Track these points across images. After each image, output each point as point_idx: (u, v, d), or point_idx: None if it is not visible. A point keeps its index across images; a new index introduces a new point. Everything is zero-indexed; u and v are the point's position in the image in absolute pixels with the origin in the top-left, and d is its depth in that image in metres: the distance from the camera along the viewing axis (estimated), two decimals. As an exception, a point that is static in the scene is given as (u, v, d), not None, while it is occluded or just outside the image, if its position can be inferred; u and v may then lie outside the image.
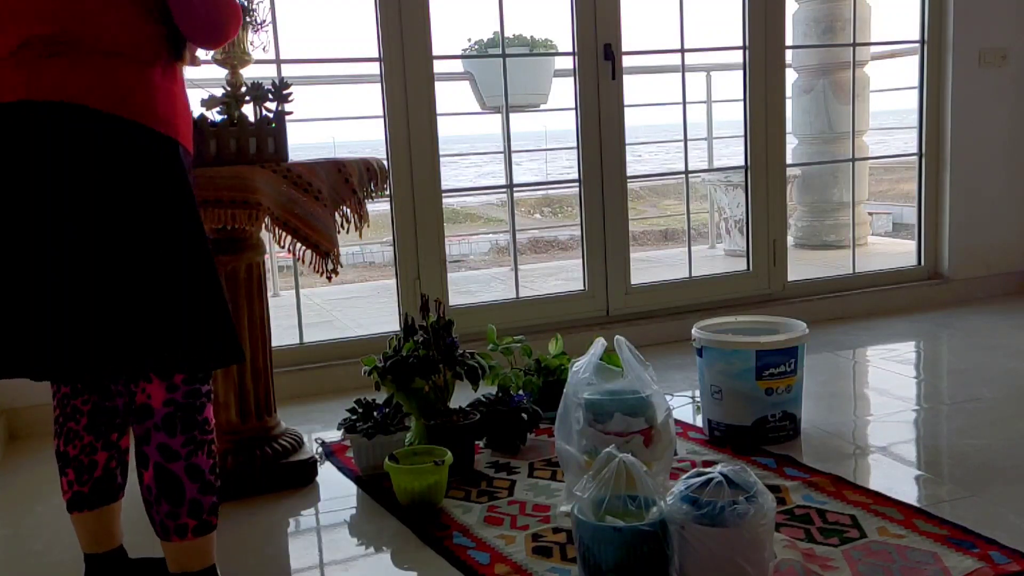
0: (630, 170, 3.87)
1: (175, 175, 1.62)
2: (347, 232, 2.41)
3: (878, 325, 3.96)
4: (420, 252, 3.50)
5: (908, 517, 2.06)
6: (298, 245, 2.27)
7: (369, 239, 7.31)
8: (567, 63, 3.74)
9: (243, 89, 2.35)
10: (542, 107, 6.23)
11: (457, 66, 5.55)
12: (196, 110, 2.26)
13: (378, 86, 3.42)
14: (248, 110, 2.35)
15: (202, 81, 2.42)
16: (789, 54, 4.11)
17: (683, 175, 4.23)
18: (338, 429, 2.57)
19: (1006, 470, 2.34)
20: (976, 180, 4.28)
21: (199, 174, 2.03)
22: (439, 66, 3.50)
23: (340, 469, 2.59)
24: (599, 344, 2.25)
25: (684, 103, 4.06)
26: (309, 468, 2.51)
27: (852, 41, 4.80)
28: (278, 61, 3.26)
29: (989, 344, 3.56)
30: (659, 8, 3.95)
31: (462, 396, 2.70)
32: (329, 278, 2.33)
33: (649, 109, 6.27)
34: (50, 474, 2.68)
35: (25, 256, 1.54)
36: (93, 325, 1.54)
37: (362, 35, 3.56)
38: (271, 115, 2.35)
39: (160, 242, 1.58)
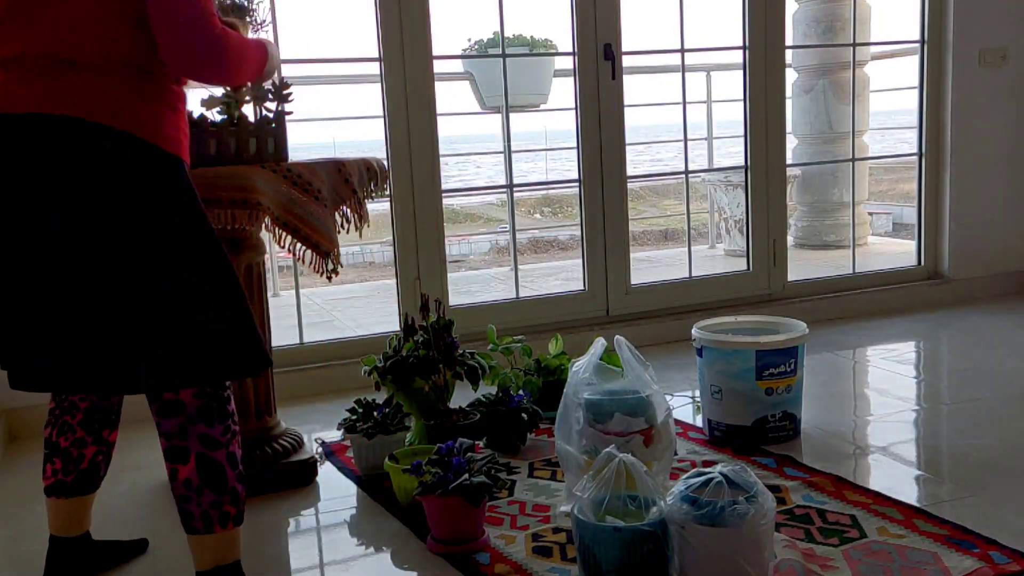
0: (638, 169, 3.86)
1: (178, 190, 1.62)
2: (347, 232, 2.42)
3: (878, 325, 3.96)
4: (420, 252, 3.50)
5: (908, 517, 2.06)
6: (298, 245, 2.27)
7: (369, 239, 7.30)
8: (567, 63, 3.74)
9: (243, 89, 2.35)
10: (542, 107, 6.22)
11: (457, 66, 5.54)
12: (196, 110, 2.26)
13: (378, 86, 3.42)
14: (248, 110, 2.35)
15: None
16: (789, 54, 4.11)
17: (683, 175, 4.23)
18: (338, 429, 2.57)
19: (1006, 470, 2.34)
20: (976, 180, 4.28)
21: (199, 174, 2.03)
22: (439, 66, 3.50)
23: (340, 469, 2.59)
24: (599, 344, 2.25)
25: (684, 103, 4.06)
26: (309, 468, 2.51)
27: (852, 41, 4.80)
28: (278, 61, 3.26)
29: (989, 344, 3.56)
30: (659, 8, 3.95)
31: (462, 396, 2.70)
32: (329, 278, 2.33)
33: (649, 109, 6.26)
34: (50, 474, 2.68)
35: (25, 266, 1.58)
36: (78, 339, 1.57)
37: (362, 35, 3.56)
38: (271, 115, 2.35)
39: (162, 256, 1.58)
